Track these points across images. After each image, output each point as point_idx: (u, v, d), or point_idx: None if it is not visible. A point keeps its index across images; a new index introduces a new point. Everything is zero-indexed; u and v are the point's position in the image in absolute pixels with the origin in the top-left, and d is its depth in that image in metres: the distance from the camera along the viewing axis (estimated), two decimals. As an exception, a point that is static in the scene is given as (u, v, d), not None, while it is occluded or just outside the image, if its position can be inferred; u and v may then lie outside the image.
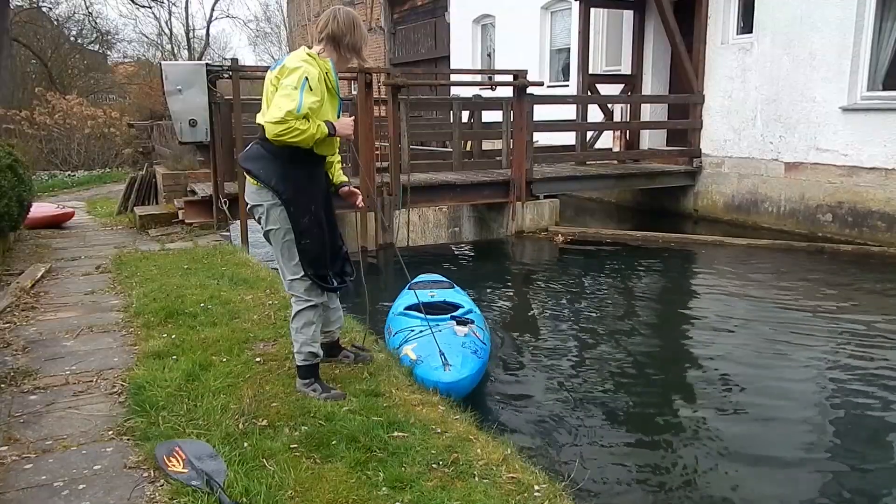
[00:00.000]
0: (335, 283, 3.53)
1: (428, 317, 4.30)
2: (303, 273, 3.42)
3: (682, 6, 10.97)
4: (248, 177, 3.40)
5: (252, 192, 3.40)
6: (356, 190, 3.77)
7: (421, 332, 4.25)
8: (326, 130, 3.26)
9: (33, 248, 7.65)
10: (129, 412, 3.32)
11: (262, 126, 3.26)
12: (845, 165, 8.91)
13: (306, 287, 3.46)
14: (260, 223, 3.47)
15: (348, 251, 3.71)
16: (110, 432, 3.15)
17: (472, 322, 4.53)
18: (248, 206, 3.48)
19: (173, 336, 4.37)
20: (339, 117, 3.47)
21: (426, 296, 4.93)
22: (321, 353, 3.62)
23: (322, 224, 3.44)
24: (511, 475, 2.80)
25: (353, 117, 3.43)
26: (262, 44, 46.28)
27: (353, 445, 2.97)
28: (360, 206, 3.81)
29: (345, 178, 3.73)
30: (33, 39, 25.61)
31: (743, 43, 10.27)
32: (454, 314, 4.60)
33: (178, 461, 2.74)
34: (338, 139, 3.50)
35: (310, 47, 3.41)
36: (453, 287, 5.46)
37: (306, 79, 3.15)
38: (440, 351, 3.95)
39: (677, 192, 11.31)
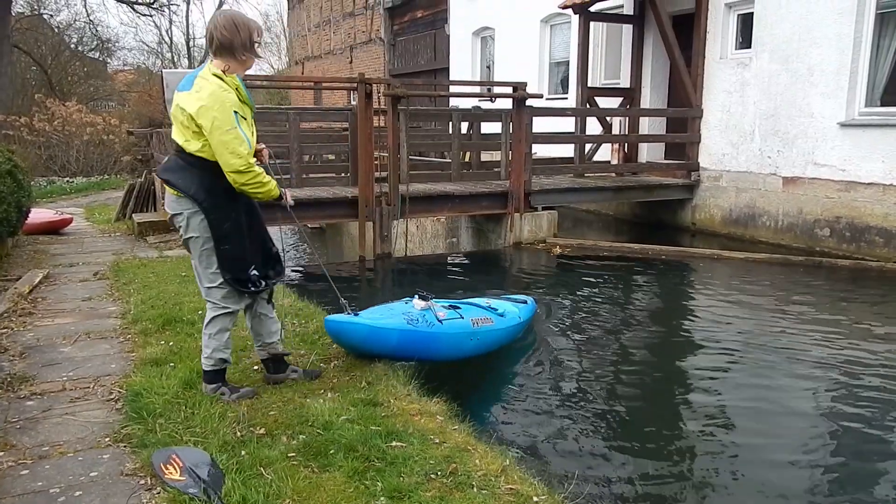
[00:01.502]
0: (253, 289, 3.50)
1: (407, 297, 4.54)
2: (221, 280, 3.44)
3: (682, 21, 11.05)
4: (167, 187, 3.42)
5: (172, 202, 3.42)
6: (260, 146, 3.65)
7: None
8: (277, 193, 3.45)
9: (31, 254, 7.64)
10: (126, 419, 3.32)
11: (176, 142, 3.35)
12: (843, 180, 8.94)
13: (224, 294, 3.47)
14: (180, 231, 3.48)
15: (279, 251, 3.70)
16: (107, 439, 3.15)
17: (434, 303, 4.48)
18: (169, 216, 3.49)
19: (171, 343, 4.36)
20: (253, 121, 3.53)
21: (482, 301, 5.18)
22: (230, 359, 3.64)
23: (242, 229, 3.46)
24: (510, 486, 2.79)
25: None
26: (261, 53, 46.36)
27: (351, 455, 2.96)
28: (265, 160, 3.65)
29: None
30: (34, 46, 25.73)
31: (741, 58, 10.33)
32: (424, 294, 4.57)
33: (175, 469, 2.73)
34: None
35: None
36: (526, 302, 5.73)
37: (235, 112, 3.24)
38: (346, 304, 4.03)
39: (675, 205, 11.34)
